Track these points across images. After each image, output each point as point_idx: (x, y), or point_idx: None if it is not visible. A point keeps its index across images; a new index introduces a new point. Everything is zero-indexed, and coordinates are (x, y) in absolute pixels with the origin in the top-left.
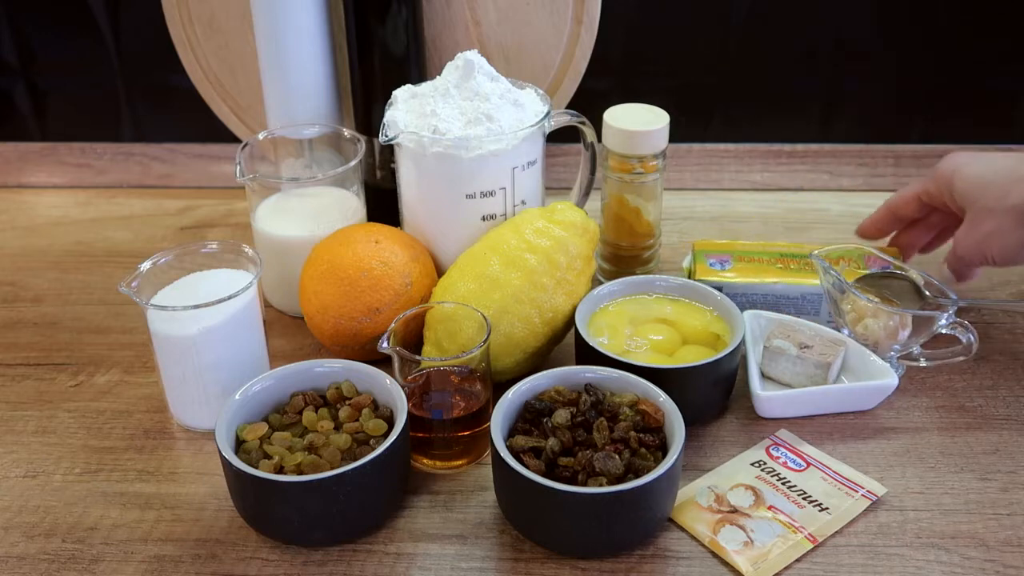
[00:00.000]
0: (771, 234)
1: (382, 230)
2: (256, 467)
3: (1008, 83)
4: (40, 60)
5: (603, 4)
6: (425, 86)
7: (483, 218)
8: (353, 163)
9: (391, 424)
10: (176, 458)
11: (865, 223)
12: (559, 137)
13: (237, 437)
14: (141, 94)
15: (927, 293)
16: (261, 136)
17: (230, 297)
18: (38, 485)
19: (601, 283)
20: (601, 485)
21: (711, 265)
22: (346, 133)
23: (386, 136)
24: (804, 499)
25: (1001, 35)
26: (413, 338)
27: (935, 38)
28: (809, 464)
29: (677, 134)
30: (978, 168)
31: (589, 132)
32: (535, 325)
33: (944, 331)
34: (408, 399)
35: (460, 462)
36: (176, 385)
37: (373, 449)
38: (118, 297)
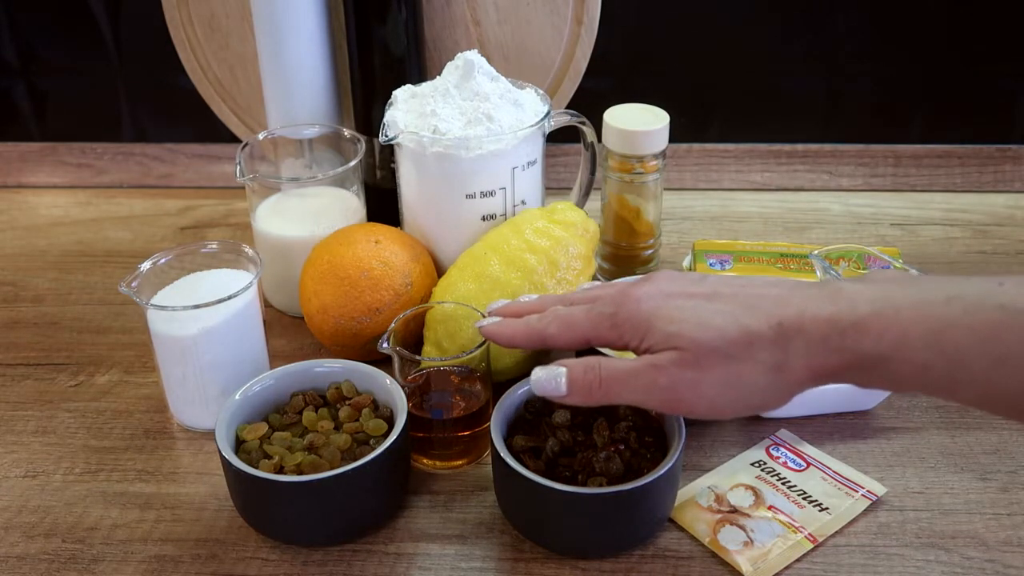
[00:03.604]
0: (771, 234)
1: (382, 230)
2: (256, 467)
3: (1008, 83)
4: (40, 60)
5: (603, 4)
6: (425, 86)
7: (483, 218)
8: (353, 163)
9: (391, 424)
10: (176, 458)
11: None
12: (559, 137)
13: (237, 437)
14: (141, 94)
15: None
16: (261, 136)
17: (230, 297)
18: (38, 485)
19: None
20: (601, 485)
21: (711, 265)
22: (346, 133)
23: (386, 136)
24: (804, 499)
25: (1001, 35)
26: (413, 338)
27: (935, 38)
28: (809, 464)
29: (677, 134)
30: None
31: (589, 132)
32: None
33: None
34: (408, 399)
35: (460, 462)
36: (176, 385)
37: (373, 449)
38: (118, 297)
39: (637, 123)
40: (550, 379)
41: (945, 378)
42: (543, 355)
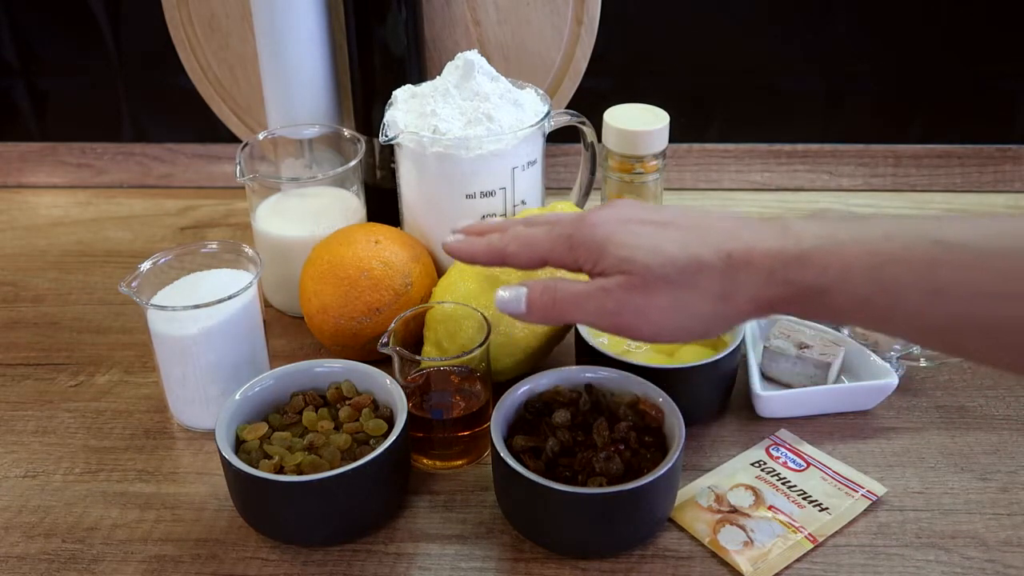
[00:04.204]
0: None
1: (382, 230)
2: (256, 467)
3: (1008, 83)
4: (40, 60)
5: (603, 4)
6: (425, 86)
7: (483, 218)
8: (353, 163)
9: (391, 424)
10: (176, 458)
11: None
12: (559, 137)
13: (237, 437)
14: (141, 94)
15: None
16: (261, 136)
17: (230, 297)
18: (38, 485)
19: None
20: (601, 485)
21: None
22: (346, 133)
23: (386, 136)
24: (804, 499)
25: (1001, 35)
26: (413, 338)
27: (935, 38)
28: (809, 464)
29: (677, 134)
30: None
31: (589, 132)
32: (535, 325)
33: None
34: (408, 399)
35: (460, 462)
36: (176, 385)
37: (373, 449)
38: (118, 297)
39: (637, 123)
40: (512, 299)
41: (882, 309)
42: (542, 356)
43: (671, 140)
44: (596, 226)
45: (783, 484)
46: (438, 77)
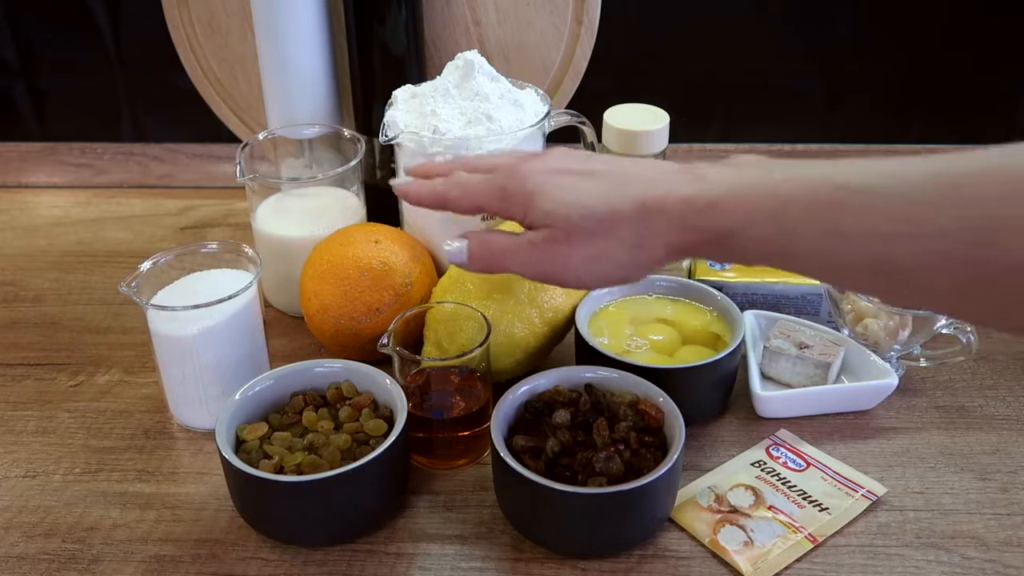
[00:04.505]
0: None
1: (382, 230)
2: (256, 467)
3: (1007, 83)
4: (40, 60)
5: (603, 4)
6: (425, 86)
7: (483, 218)
8: (353, 163)
9: (391, 424)
10: (176, 458)
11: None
12: (559, 137)
13: (237, 437)
14: (141, 94)
15: None
16: (261, 136)
17: (230, 297)
18: (38, 485)
19: None
20: (601, 485)
21: (711, 265)
22: (346, 133)
23: (386, 136)
24: (804, 499)
25: (1000, 34)
26: (413, 338)
27: (935, 38)
28: (809, 464)
29: (677, 134)
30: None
31: (589, 132)
32: (535, 325)
33: (944, 331)
34: (408, 399)
35: (460, 462)
36: (176, 385)
37: (373, 449)
38: (118, 297)
39: (637, 123)
40: (457, 251)
41: (783, 249)
42: (542, 356)
43: (671, 140)
44: (526, 178)
45: (783, 484)
46: (438, 77)
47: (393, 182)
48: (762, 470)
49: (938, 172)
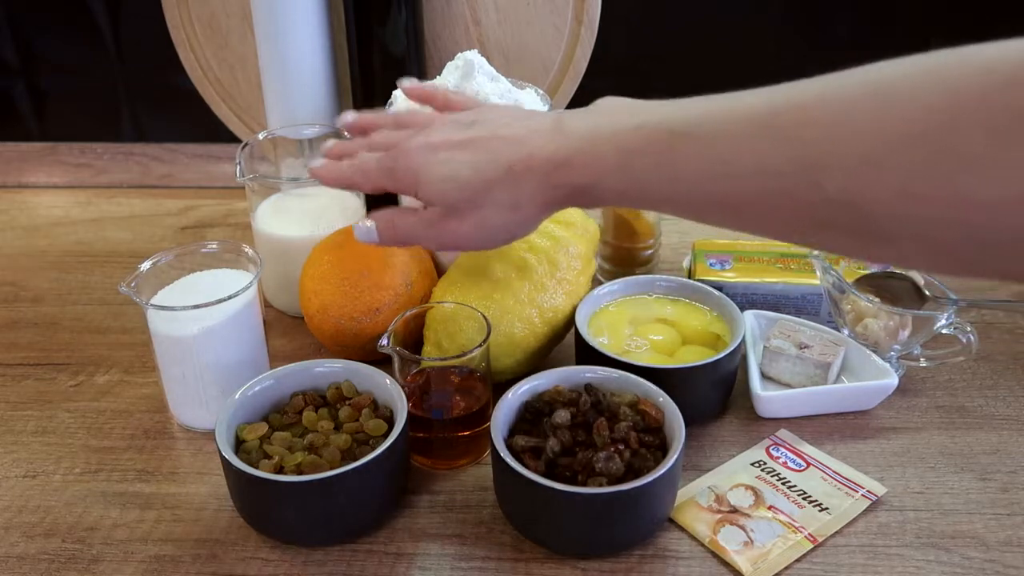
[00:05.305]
0: None
1: None
2: (256, 467)
3: None
4: (40, 60)
5: (603, 4)
6: (425, 86)
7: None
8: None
9: (391, 424)
10: (176, 458)
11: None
12: None
13: (237, 437)
14: (141, 94)
15: (927, 293)
16: (261, 136)
17: (230, 297)
18: (38, 485)
19: (601, 283)
20: (601, 485)
21: (711, 265)
22: (346, 133)
23: None
24: (804, 499)
25: (1001, 36)
26: (413, 338)
27: (935, 37)
28: (809, 464)
29: None
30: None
31: None
32: (535, 325)
33: (944, 331)
34: (408, 399)
35: (460, 462)
36: (176, 385)
37: (373, 449)
38: (118, 297)
39: None
40: (367, 231)
41: (637, 196)
42: (542, 356)
43: None
44: (410, 155)
45: (783, 484)
46: (438, 77)
47: (310, 164)
48: (762, 470)
49: (762, 111)
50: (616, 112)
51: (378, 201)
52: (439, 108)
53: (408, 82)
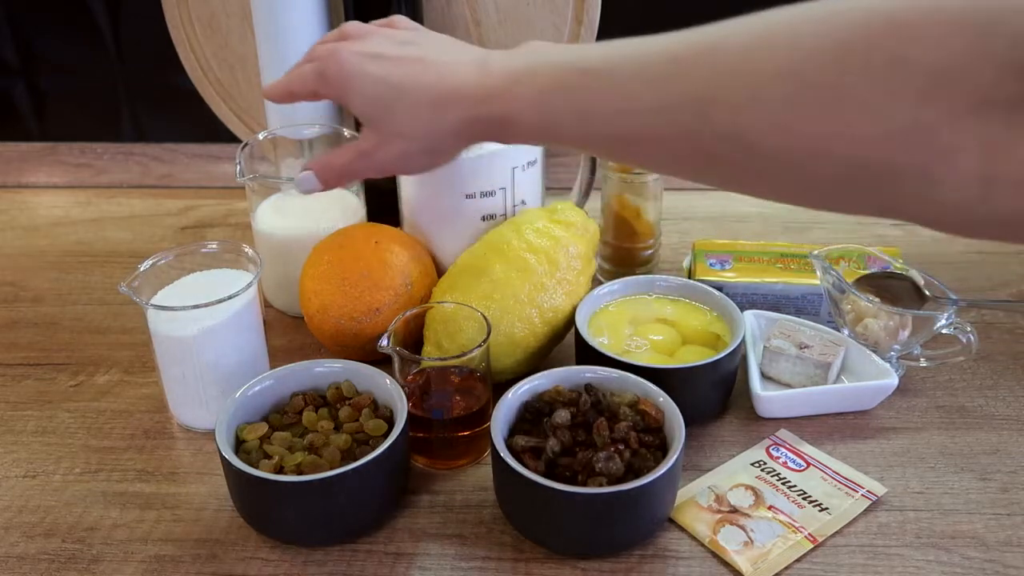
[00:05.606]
0: (771, 234)
1: (382, 230)
2: (256, 467)
3: None
4: (40, 60)
5: (603, 4)
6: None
7: (483, 218)
8: None
9: (391, 424)
10: (176, 458)
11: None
12: None
13: (237, 437)
14: (141, 94)
15: (927, 293)
16: (261, 136)
17: (230, 297)
18: (38, 485)
19: (601, 283)
20: (601, 485)
21: (711, 265)
22: (346, 133)
23: None
24: (804, 499)
25: None
26: (413, 338)
27: None
28: (809, 464)
29: None
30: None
31: None
32: (535, 325)
33: (944, 331)
34: (408, 399)
35: (460, 462)
36: (176, 385)
37: (373, 449)
38: (118, 297)
39: None
40: (305, 179)
41: (551, 134)
42: (542, 356)
43: None
44: (342, 62)
45: (783, 484)
46: None
47: (264, 88)
48: (762, 470)
49: (664, 52)
50: (537, 53)
51: (378, 201)
52: (383, 25)
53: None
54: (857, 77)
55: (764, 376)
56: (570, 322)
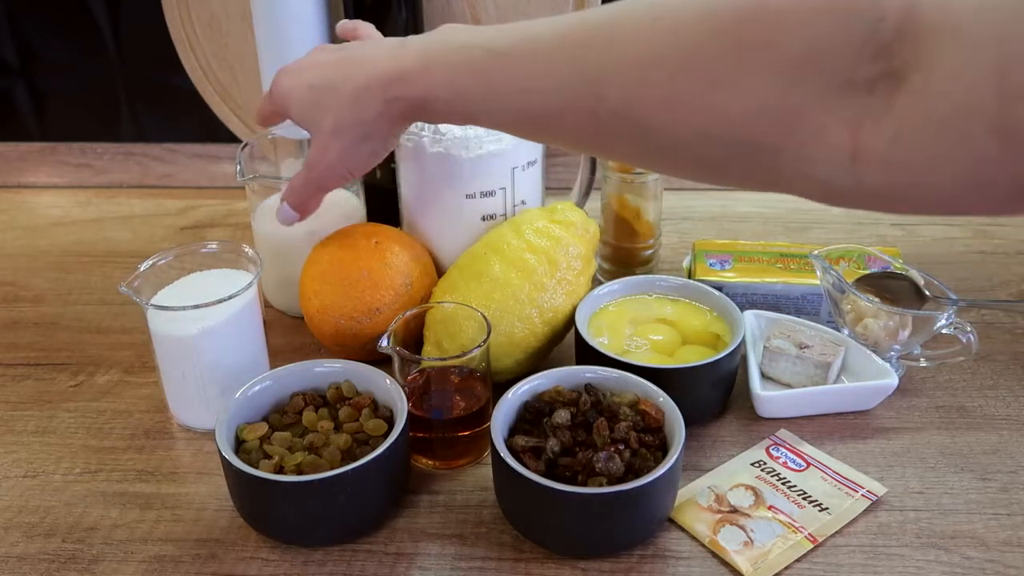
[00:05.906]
0: (771, 234)
1: (382, 230)
2: (256, 467)
3: None
4: (40, 60)
5: (603, 2)
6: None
7: (483, 218)
8: None
9: (391, 424)
10: (176, 458)
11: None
12: None
13: (237, 437)
14: (141, 94)
15: (927, 293)
16: (261, 136)
17: (230, 297)
18: (38, 485)
19: (601, 283)
20: (601, 485)
21: (711, 265)
22: None
23: None
24: (804, 499)
25: None
26: (413, 338)
27: None
28: (809, 464)
29: None
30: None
31: None
32: (535, 325)
33: (944, 331)
34: (408, 399)
35: (460, 462)
36: (176, 385)
37: (373, 449)
38: (118, 297)
39: None
40: (284, 211)
41: (464, 113)
42: (542, 356)
43: None
44: (282, 78)
45: (783, 484)
46: None
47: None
48: (762, 470)
49: (562, 33)
50: (450, 34)
51: (378, 201)
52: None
53: (341, 24)
54: (731, 59)
55: (764, 376)
56: (570, 322)
